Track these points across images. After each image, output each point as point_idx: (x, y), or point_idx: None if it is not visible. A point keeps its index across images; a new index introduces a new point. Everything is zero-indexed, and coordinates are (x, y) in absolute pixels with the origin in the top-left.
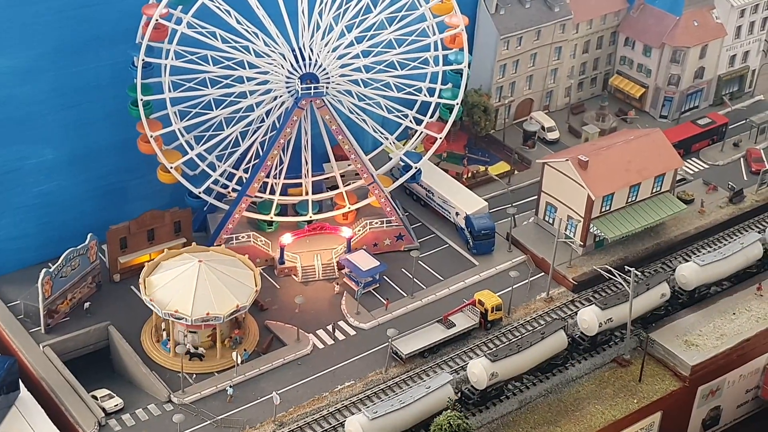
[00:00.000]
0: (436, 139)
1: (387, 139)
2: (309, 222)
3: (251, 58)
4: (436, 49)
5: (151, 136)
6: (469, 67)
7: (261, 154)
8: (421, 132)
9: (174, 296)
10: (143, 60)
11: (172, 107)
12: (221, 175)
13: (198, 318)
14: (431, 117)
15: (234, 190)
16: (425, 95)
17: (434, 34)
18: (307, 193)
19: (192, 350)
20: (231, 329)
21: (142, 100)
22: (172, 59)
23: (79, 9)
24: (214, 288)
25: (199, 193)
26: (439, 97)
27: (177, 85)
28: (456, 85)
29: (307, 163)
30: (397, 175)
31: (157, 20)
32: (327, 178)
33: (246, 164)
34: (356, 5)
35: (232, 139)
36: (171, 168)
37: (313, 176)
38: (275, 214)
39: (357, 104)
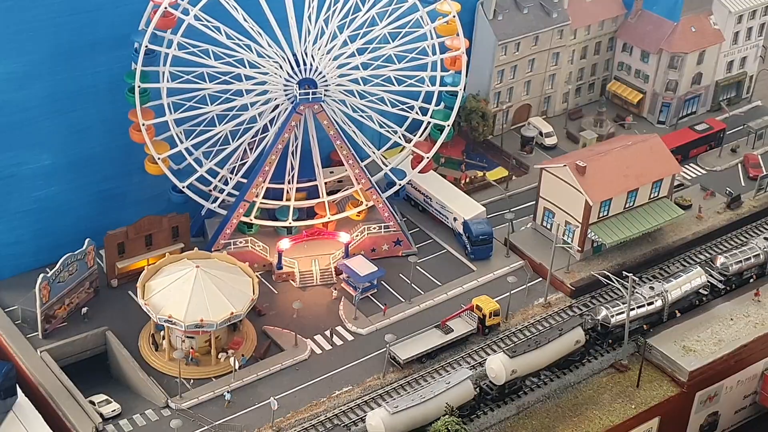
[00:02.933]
0: (423, 158)
1: (374, 153)
2: (289, 229)
3: (252, 56)
4: (434, 70)
5: (143, 125)
6: (464, 90)
7: (249, 154)
8: (409, 149)
9: (189, 307)
10: (146, 46)
11: (167, 98)
12: (207, 172)
13: (223, 320)
14: (421, 136)
15: (217, 188)
16: (417, 113)
17: (435, 53)
18: (288, 199)
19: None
20: (228, 336)
21: (139, 86)
22: (174, 49)
23: (76, 15)
24: (222, 289)
25: (183, 187)
26: (432, 117)
27: (175, 76)
28: (449, 107)
29: (293, 169)
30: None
31: (165, 8)
32: (311, 187)
33: (231, 164)
34: (362, 17)
35: (221, 137)
36: (158, 159)
37: (298, 183)
38: (255, 217)
39: (351, 115)
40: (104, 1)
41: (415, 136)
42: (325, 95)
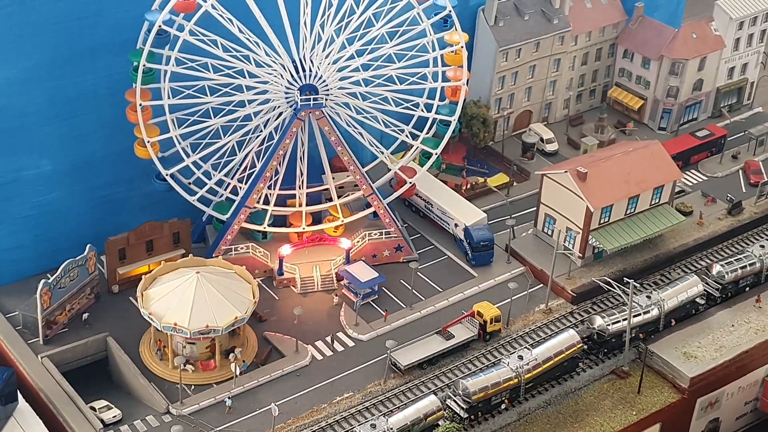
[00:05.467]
0: (406, 181)
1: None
2: (263, 234)
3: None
4: (431, 97)
5: (140, 105)
6: (458, 122)
7: (237, 150)
8: (393, 172)
9: (192, 313)
10: (159, 27)
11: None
12: (193, 165)
13: (228, 325)
14: (407, 160)
15: (198, 182)
16: (407, 136)
17: (437, 80)
18: (268, 204)
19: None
20: (229, 341)
21: (144, 66)
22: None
23: (76, 20)
24: (224, 294)
25: (167, 175)
26: (422, 143)
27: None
28: (441, 135)
29: (276, 173)
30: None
31: None
32: (314, 192)
33: (215, 159)
34: (373, 33)
35: (212, 130)
36: (148, 143)
37: (281, 189)
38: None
39: (345, 129)
40: (104, 7)
41: (406, 156)
42: (326, 102)
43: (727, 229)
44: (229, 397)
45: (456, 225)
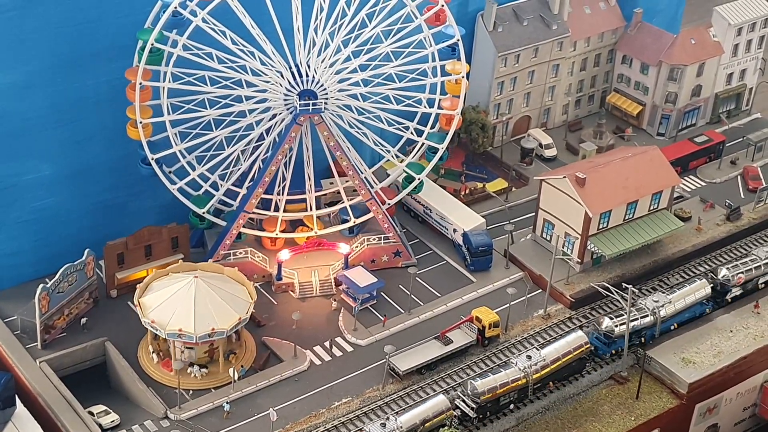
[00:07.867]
0: (385, 202)
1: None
2: (238, 234)
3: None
4: (424, 122)
5: (140, 84)
6: (447, 150)
7: (225, 146)
8: (374, 191)
9: (193, 318)
10: (175, 8)
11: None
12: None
13: (231, 328)
14: (390, 182)
15: (182, 173)
16: (393, 156)
17: (432, 106)
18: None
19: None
20: (229, 344)
21: (152, 44)
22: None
23: (77, 25)
24: (223, 297)
25: (152, 159)
26: (407, 166)
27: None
28: (427, 161)
29: (257, 176)
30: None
31: None
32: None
33: (201, 152)
34: (380, 50)
35: (204, 122)
36: (140, 123)
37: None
38: (207, 212)
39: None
40: (105, 12)
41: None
42: (326, 104)
43: (726, 234)
44: (227, 402)
45: (455, 230)
